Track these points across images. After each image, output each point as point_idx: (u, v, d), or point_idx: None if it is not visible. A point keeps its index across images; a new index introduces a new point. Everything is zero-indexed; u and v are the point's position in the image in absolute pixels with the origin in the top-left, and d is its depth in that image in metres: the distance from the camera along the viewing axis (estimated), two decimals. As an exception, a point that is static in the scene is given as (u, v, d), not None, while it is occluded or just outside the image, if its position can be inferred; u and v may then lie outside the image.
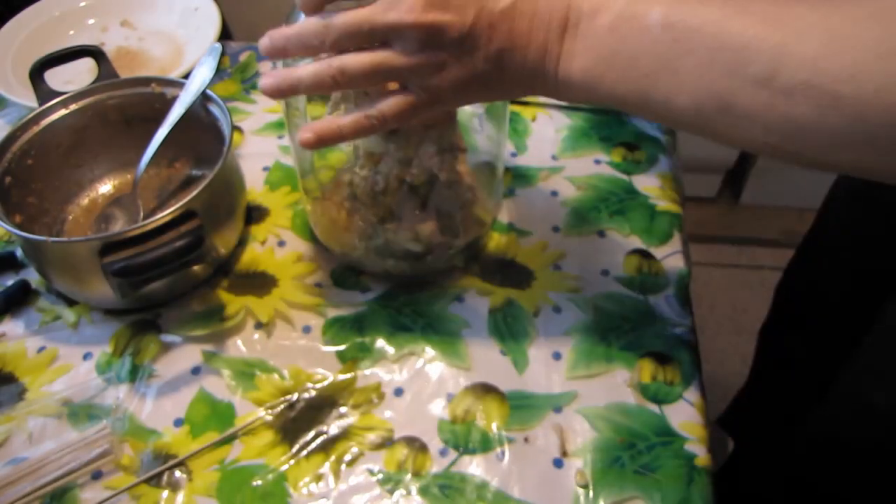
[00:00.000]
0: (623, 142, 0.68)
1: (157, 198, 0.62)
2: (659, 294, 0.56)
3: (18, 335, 0.55)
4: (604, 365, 0.52)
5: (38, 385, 0.52)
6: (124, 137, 0.62)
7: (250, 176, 0.63)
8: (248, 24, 1.09)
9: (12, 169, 0.56)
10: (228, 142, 0.55)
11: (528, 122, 0.71)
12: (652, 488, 0.46)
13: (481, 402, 0.50)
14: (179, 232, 0.49)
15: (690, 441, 0.48)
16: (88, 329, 0.56)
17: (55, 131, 0.59)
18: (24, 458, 0.48)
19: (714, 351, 1.38)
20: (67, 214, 0.62)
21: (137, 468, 0.48)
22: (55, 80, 0.62)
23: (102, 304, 0.56)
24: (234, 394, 0.51)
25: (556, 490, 0.46)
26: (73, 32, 0.83)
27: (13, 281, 0.58)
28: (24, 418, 0.50)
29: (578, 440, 0.48)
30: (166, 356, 0.53)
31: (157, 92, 0.60)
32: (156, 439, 0.49)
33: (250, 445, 0.48)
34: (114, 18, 0.84)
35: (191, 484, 0.47)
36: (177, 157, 0.65)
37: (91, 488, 0.47)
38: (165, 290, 0.55)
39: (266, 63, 0.78)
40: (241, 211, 0.59)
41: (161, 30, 0.83)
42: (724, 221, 1.63)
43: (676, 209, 0.63)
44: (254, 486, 0.46)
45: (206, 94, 0.57)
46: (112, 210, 0.60)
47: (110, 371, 0.53)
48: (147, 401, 0.51)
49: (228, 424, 0.49)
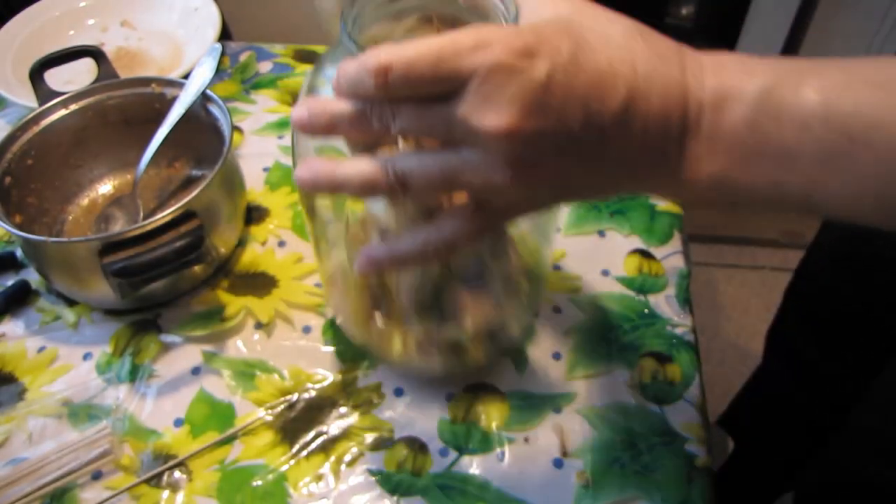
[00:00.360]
0: (623, 142, 0.68)
1: (157, 198, 0.62)
2: (659, 294, 0.56)
3: (18, 335, 0.55)
4: (604, 365, 0.52)
5: (38, 385, 0.52)
6: (124, 137, 0.62)
7: (250, 176, 0.63)
8: (248, 24, 1.09)
9: (12, 169, 0.56)
10: (228, 142, 0.55)
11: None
12: (652, 488, 0.46)
13: (481, 403, 0.50)
14: (179, 232, 0.49)
15: (690, 441, 0.48)
16: (88, 329, 0.56)
17: (55, 131, 0.59)
18: (24, 458, 0.48)
19: (714, 351, 1.38)
20: (67, 214, 0.62)
21: (137, 468, 0.48)
22: (55, 80, 0.62)
23: (102, 304, 0.56)
24: (234, 394, 0.51)
25: (556, 490, 0.46)
26: (73, 32, 0.83)
27: (13, 281, 0.58)
28: (24, 418, 0.50)
29: (578, 440, 0.48)
30: (166, 356, 0.53)
31: (157, 92, 0.60)
32: (156, 439, 0.49)
33: (250, 445, 0.48)
34: (114, 18, 0.84)
35: (191, 484, 0.47)
36: (177, 157, 0.65)
37: (91, 488, 0.47)
38: (165, 291, 0.55)
39: (265, 64, 0.78)
40: (241, 211, 0.59)
41: (161, 30, 0.83)
42: (724, 221, 1.63)
43: (676, 209, 0.63)
44: (254, 486, 0.46)
45: (206, 94, 0.57)
46: (112, 210, 0.60)
47: (110, 371, 0.53)
48: (147, 401, 0.51)
49: (228, 424, 0.49)
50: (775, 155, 0.30)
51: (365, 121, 0.31)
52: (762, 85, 0.30)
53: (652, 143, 0.31)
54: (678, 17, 1.32)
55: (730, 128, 0.30)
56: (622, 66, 0.30)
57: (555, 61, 0.28)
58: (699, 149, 0.31)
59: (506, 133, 0.28)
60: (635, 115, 0.30)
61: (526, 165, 0.30)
